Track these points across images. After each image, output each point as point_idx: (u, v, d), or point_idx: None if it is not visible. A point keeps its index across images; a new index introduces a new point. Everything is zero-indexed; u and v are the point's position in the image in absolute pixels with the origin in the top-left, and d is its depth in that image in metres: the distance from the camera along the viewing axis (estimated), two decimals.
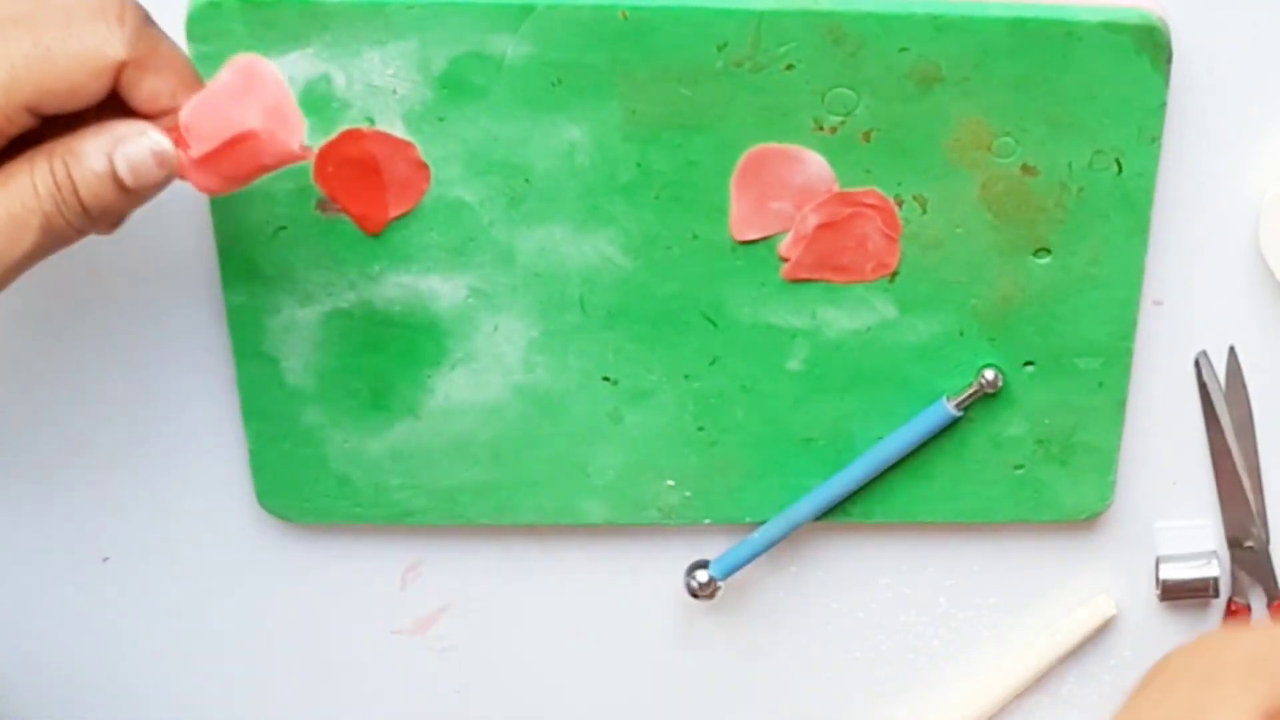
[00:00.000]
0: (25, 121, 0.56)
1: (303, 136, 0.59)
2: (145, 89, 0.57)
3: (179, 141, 0.58)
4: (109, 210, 0.57)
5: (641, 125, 0.68)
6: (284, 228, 0.69)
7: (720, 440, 0.74)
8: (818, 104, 0.68)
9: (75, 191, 0.57)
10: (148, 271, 0.72)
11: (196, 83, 0.59)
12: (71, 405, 0.74)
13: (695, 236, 0.70)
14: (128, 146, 0.57)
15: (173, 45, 0.58)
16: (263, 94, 0.58)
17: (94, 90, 0.56)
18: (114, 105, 0.58)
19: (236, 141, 0.58)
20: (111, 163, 0.57)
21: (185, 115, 0.58)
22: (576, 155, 0.68)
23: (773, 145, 0.69)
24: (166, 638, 0.79)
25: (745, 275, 0.71)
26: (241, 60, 0.59)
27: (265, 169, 0.59)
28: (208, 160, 0.58)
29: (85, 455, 0.75)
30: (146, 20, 0.58)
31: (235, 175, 0.59)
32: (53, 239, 0.57)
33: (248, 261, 0.70)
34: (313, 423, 0.73)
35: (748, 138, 0.68)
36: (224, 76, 0.59)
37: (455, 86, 0.67)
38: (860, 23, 0.66)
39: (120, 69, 0.57)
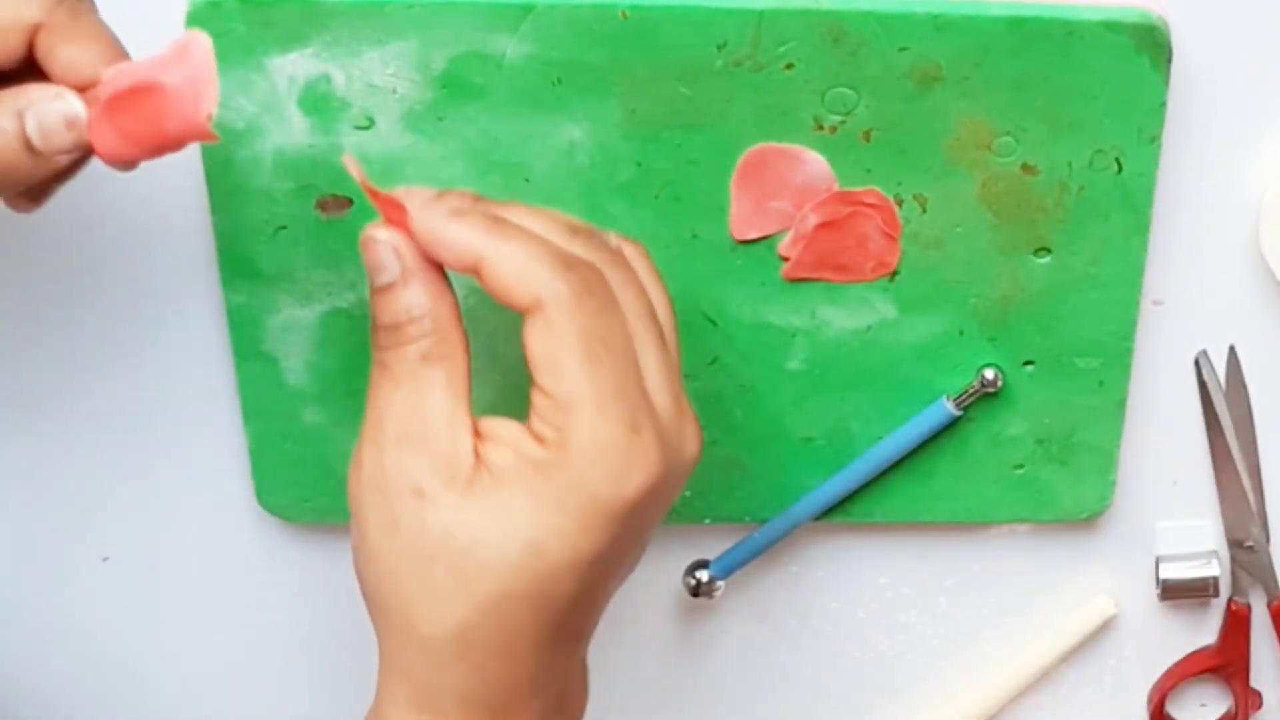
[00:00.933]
0: None
1: (212, 111, 0.57)
2: (62, 57, 0.57)
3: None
4: (13, 171, 0.57)
5: (641, 124, 0.68)
6: (284, 228, 0.69)
7: (720, 440, 0.74)
8: (818, 103, 0.68)
9: None
10: (148, 271, 0.72)
11: (120, 56, 0.58)
12: (71, 405, 0.74)
13: (695, 236, 0.70)
14: (40, 107, 0.56)
15: (96, 18, 0.58)
16: (188, 63, 0.57)
17: (4, 49, 0.57)
18: (37, 78, 0.58)
19: (141, 92, 0.57)
20: (21, 121, 0.56)
21: (107, 75, 0.57)
22: (576, 155, 0.69)
23: (773, 144, 0.69)
24: (166, 638, 0.79)
25: (745, 275, 0.71)
26: (184, 36, 0.58)
27: (169, 137, 0.57)
28: (110, 110, 0.57)
29: (85, 455, 0.75)
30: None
31: (137, 136, 0.57)
32: None
33: (248, 261, 0.70)
34: (313, 422, 0.73)
35: (748, 137, 0.68)
36: (162, 51, 0.58)
37: (455, 86, 0.67)
38: (860, 22, 0.66)
39: (34, 31, 0.57)
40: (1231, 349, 0.75)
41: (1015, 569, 0.79)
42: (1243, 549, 0.78)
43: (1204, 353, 0.75)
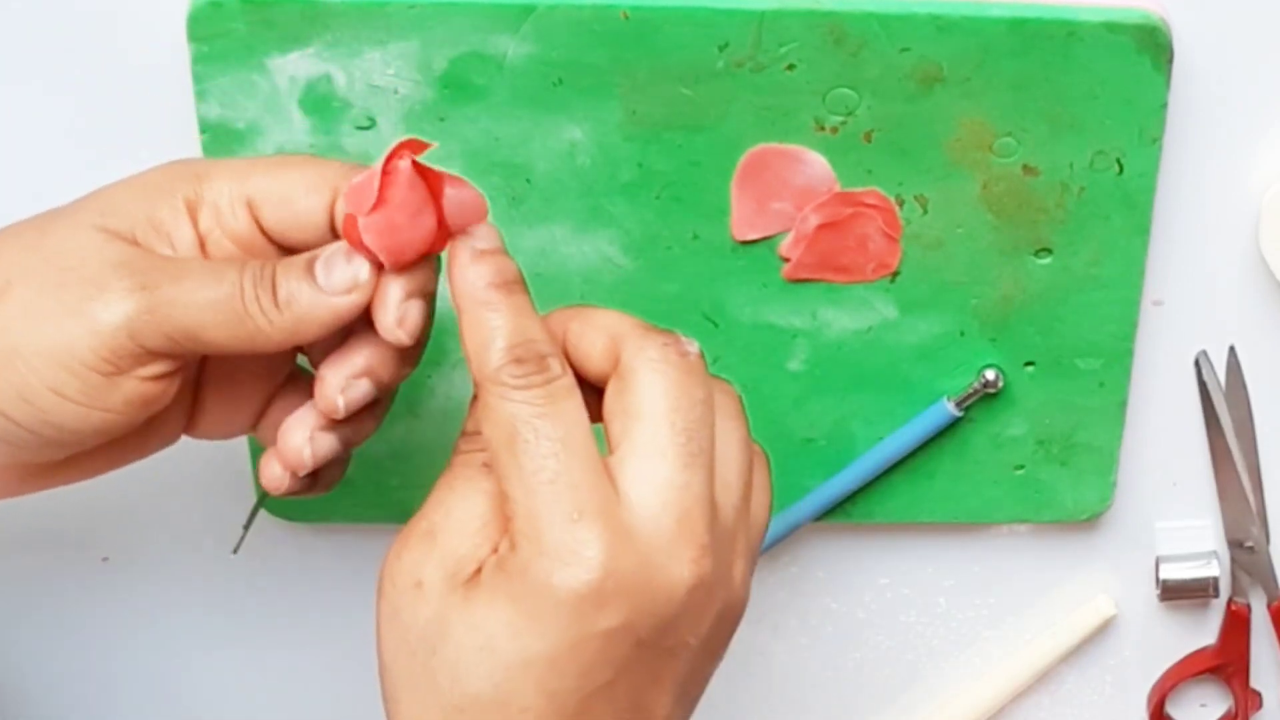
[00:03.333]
0: (244, 224, 0.58)
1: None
2: None
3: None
4: (294, 300, 0.57)
5: (642, 125, 0.68)
6: None
7: None
8: (819, 104, 0.68)
9: (272, 275, 0.57)
10: None
11: None
12: None
13: (696, 237, 0.70)
14: (326, 250, 0.58)
15: None
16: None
17: (306, 208, 0.58)
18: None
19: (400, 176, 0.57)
20: (310, 261, 0.57)
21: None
22: (577, 155, 0.68)
23: (774, 145, 0.69)
24: (166, 638, 0.79)
25: (746, 275, 0.71)
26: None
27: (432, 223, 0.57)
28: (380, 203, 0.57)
29: None
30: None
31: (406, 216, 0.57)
32: (238, 311, 0.57)
33: None
34: None
35: (749, 138, 0.68)
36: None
37: (456, 86, 0.67)
38: (862, 23, 0.66)
39: (335, 196, 0.58)
40: (1231, 349, 0.75)
41: (1015, 569, 0.79)
42: (1243, 549, 0.78)
43: (1204, 353, 0.75)
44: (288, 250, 0.59)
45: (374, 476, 0.74)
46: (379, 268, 0.57)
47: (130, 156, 0.69)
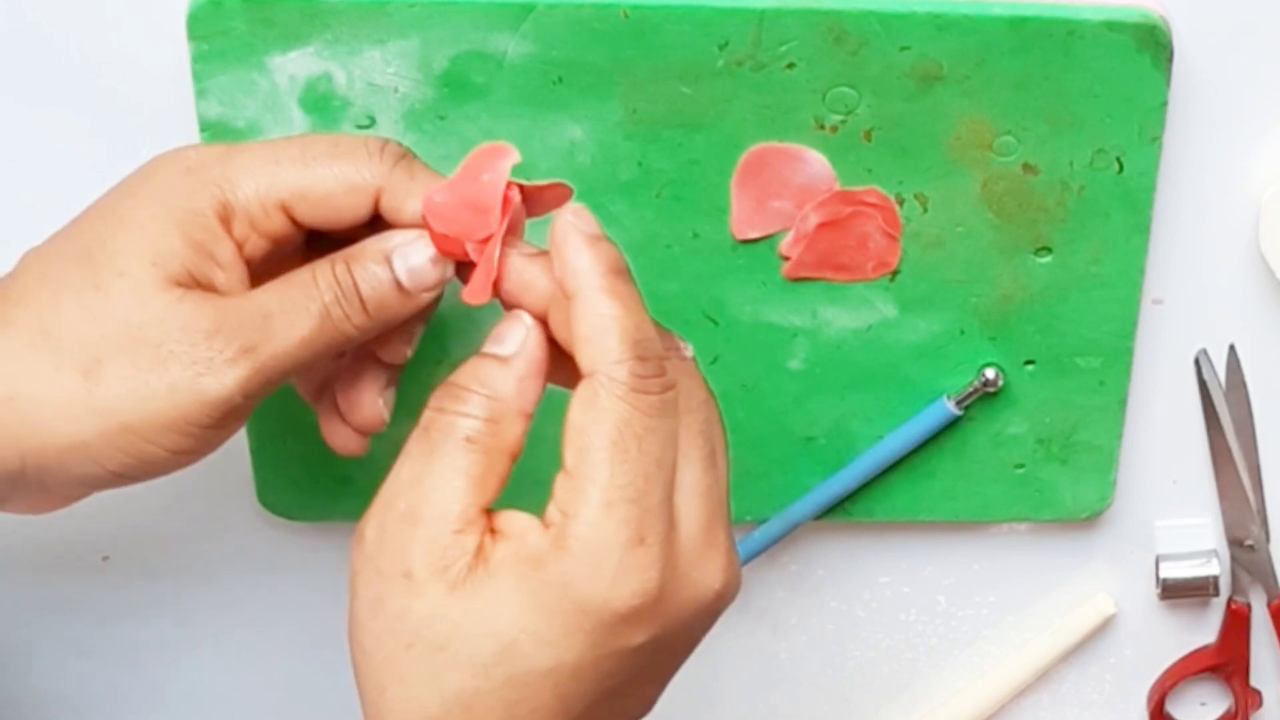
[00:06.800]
0: (279, 223, 0.59)
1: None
2: (407, 212, 0.59)
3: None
4: (384, 307, 0.58)
5: (642, 124, 0.68)
6: None
7: None
8: (819, 103, 0.68)
9: (354, 285, 0.58)
10: None
11: None
12: None
13: (696, 235, 0.70)
14: (405, 246, 0.58)
15: (430, 172, 0.60)
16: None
17: (348, 206, 0.59)
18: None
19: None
20: (388, 258, 0.58)
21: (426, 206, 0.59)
22: (577, 154, 0.69)
23: (774, 144, 0.69)
24: (167, 638, 0.79)
25: (746, 274, 0.71)
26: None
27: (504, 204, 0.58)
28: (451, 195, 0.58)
29: None
30: (405, 155, 0.60)
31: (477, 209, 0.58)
32: (330, 331, 0.58)
33: None
34: (314, 422, 0.72)
35: (749, 136, 0.68)
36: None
37: (456, 85, 0.67)
38: (862, 22, 0.66)
39: (378, 194, 0.59)
40: (1231, 349, 0.75)
41: (1015, 568, 0.79)
42: (1243, 548, 0.78)
43: (1204, 352, 0.75)
44: (321, 235, 0.60)
45: (374, 476, 0.74)
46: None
47: (130, 156, 0.69)
